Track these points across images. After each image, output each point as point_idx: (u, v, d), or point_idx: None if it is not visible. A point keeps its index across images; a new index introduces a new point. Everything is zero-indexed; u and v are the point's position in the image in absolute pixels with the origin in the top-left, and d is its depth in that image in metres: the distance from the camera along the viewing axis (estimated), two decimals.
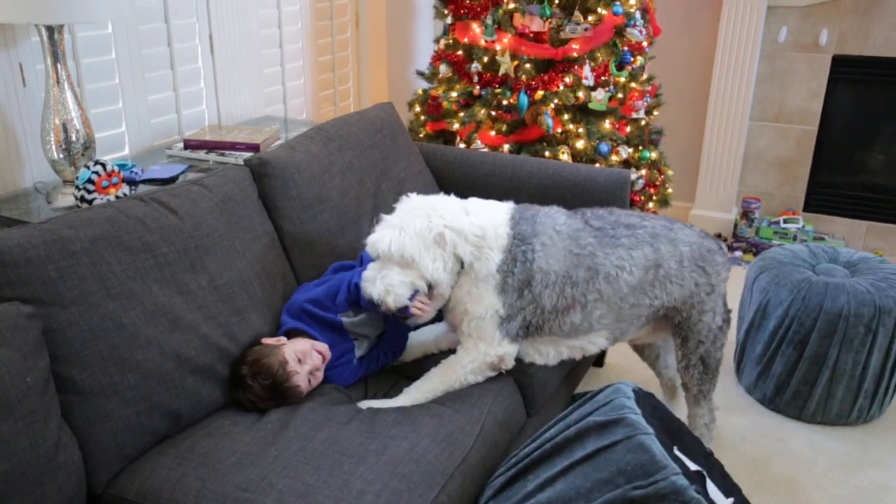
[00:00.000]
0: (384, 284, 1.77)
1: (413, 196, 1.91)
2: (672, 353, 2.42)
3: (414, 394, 1.84)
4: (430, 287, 1.82)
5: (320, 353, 1.84)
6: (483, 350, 1.86)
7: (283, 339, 1.86)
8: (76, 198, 1.99)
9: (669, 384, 2.48)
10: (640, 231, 1.96)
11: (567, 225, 1.93)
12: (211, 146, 2.55)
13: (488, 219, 1.88)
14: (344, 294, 1.91)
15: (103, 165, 2.00)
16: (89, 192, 1.97)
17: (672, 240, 1.98)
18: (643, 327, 2.08)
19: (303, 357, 1.79)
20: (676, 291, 1.99)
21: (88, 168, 1.99)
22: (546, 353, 1.99)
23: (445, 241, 1.80)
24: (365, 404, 1.82)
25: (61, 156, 2.07)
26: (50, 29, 1.96)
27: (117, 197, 2.03)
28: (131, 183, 2.19)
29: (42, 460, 1.38)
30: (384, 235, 1.79)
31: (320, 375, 1.83)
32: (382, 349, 1.97)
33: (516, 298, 1.86)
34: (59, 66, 2.00)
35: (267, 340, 1.85)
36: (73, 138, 2.06)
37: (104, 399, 1.54)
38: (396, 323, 1.92)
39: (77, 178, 2.00)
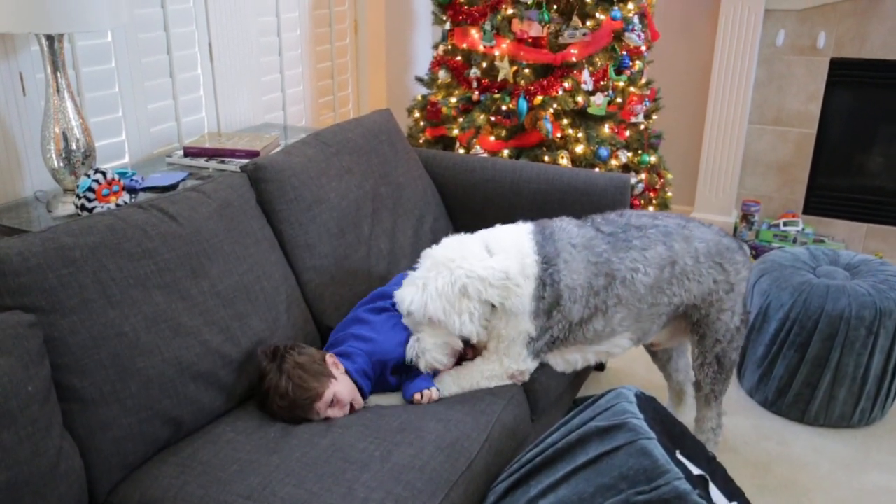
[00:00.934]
0: (417, 349, 1.81)
1: (434, 249, 1.89)
2: (684, 356, 2.42)
3: (449, 384, 1.86)
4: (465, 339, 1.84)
5: (353, 407, 1.80)
6: (506, 364, 1.88)
7: (341, 367, 1.82)
8: (76, 206, 1.99)
9: (678, 388, 2.47)
10: (651, 231, 1.97)
11: (581, 236, 1.93)
12: (211, 153, 2.55)
13: (514, 250, 1.86)
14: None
15: (103, 174, 2.00)
16: (90, 200, 1.98)
17: (686, 237, 1.99)
18: (665, 327, 2.09)
19: (336, 402, 1.75)
20: (695, 288, 2.00)
21: (89, 176, 1.99)
22: (574, 360, 2.01)
23: (469, 293, 1.79)
24: (373, 401, 1.82)
25: (61, 164, 2.07)
26: (50, 38, 1.96)
27: (118, 205, 2.03)
28: (132, 191, 2.19)
29: (44, 469, 1.38)
30: (407, 295, 1.80)
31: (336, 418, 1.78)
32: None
33: (546, 319, 1.87)
34: (59, 75, 2.01)
35: (329, 358, 1.82)
36: (74, 147, 2.06)
37: (105, 407, 1.53)
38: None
39: (77, 186, 2.00)
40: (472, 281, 1.78)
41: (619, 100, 3.18)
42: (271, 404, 1.74)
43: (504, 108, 3.09)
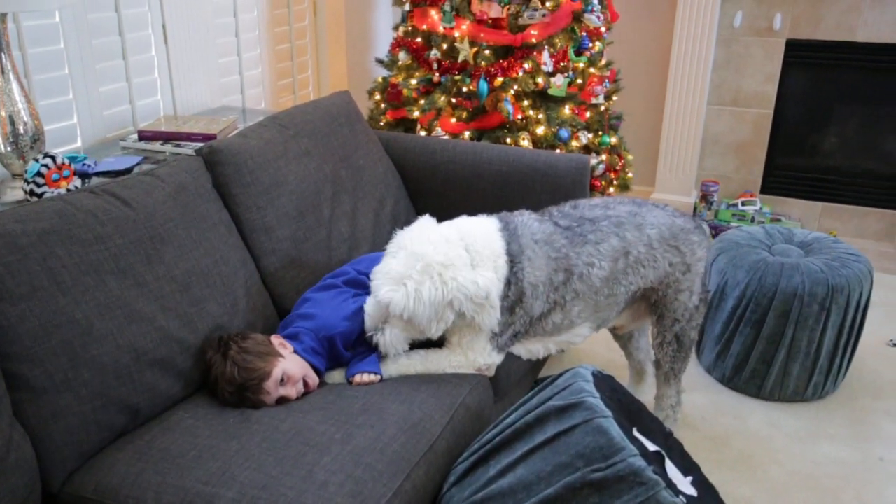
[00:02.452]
0: (387, 340, 1.81)
1: (413, 240, 1.84)
2: (645, 335, 2.45)
3: (391, 366, 1.85)
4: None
5: (308, 384, 1.78)
6: (471, 357, 1.89)
7: (289, 346, 1.81)
8: (25, 192, 1.94)
9: (638, 367, 2.51)
10: (603, 223, 1.97)
11: (541, 231, 1.92)
12: (166, 137, 2.50)
13: (489, 252, 1.84)
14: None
15: (53, 158, 1.96)
16: (39, 185, 1.93)
17: (638, 225, 2.00)
18: (623, 311, 2.11)
19: (287, 381, 1.74)
20: (651, 273, 2.02)
21: (37, 161, 1.94)
22: (535, 350, 2.02)
23: (454, 306, 1.78)
24: (335, 377, 1.83)
25: (9, 149, 2.01)
26: None
27: (69, 190, 1.99)
28: (84, 175, 2.14)
29: None
30: (397, 299, 1.75)
31: (292, 399, 1.76)
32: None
33: (509, 316, 1.88)
34: (3, 56, 1.94)
35: (275, 339, 1.82)
36: (21, 131, 2.00)
37: (58, 396, 1.51)
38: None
39: (26, 171, 1.95)
40: (460, 297, 1.77)
41: (579, 81, 3.19)
42: (222, 393, 1.72)
43: (465, 89, 3.08)
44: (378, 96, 3.40)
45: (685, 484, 1.53)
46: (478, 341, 1.88)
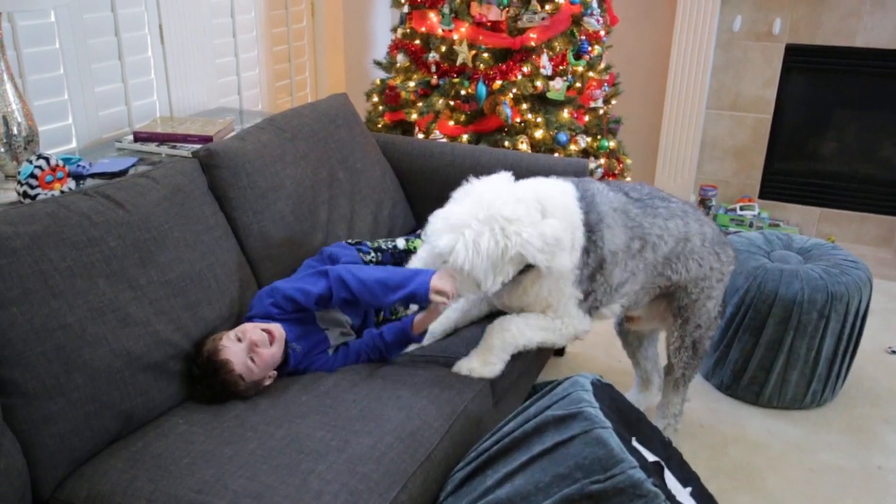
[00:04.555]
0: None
1: (484, 190, 1.74)
2: (653, 345, 2.45)
3: (495, 337, 1.84)
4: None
5: (266, 330, 1.77)
6: (568, 323, 1.87)
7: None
8: (18, 193, 1.92)
9: (645, 376, 2.49)
10: (672, 204, 2.02)
11: (617, 200, 1.94)
12: (162, 138, 2.48)
13: (565, 217, 1.79)
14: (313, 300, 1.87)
15: (47, 160, 1.93)
16: (32, 187, 1.90)
17: (699, 219, 2.05)
18: (650, 302, 2.12)
19: (242, 335, 1.74)
20: (694, 269, 2.03)
21: (31, 162, 1.91)
22: None
23: (515, 259, 1.71)
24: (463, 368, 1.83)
25: (2, 150, 1.99)
26: None
27: (62, 192, 1.96)
28: (78, 177, 2.12)
29: None
30: (457, 247, 1.66)
31: (265, 353, 1.73)
32: (376, 345, 1.92)
33: (590, 283, 1.87)
34: None
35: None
36: (15, 131, 1.98)
37: (49, 401, 1.48)
38: (402, 339, 1.91)
39: (19, 172, 1.93)
40: (531, 250, 1.68)
41: (578, 85, 3.17)
42: (202, 387, 1.72)
43: (463, 92, 3.06)
44: (376, 98, 3.39)
45: (684, 495, 1.52)
46: (569, 308, 1.86)
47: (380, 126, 3.36)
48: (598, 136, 3.25)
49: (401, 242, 2.24)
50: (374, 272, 1.82)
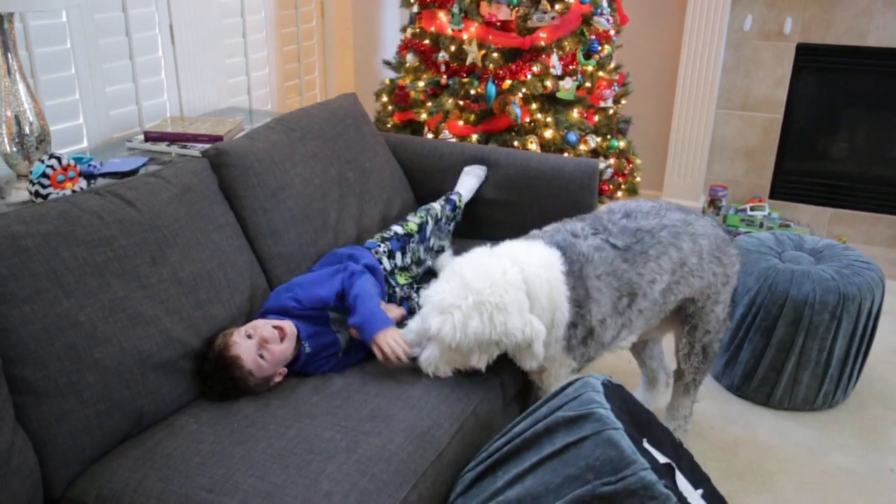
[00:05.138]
0: (430, 360, 1.77)
1: (469, 273, 1.75)
2: (658, 345, 2.43)
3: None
4: None
5: (277, 327, 1.77)
6: (563, 374, 1.92)
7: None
8: (31, 193, 1.93)
9: (651, 375, 2.48)
10: (663, 234, 1.94)
11: (603, 262, 1.86)
12: (172, 138, 2.49)
13: (548, 300, 1.78)
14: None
15: (58, 159, 1.94)
16: (44, 186, 1.91)
17: (692, 234, 1.99)
18: (662, 320, 2.10)
19: (253, 332, 1.75)
20: (697, 283, 2.01)
21: (43, 162, 1.92)
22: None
23: (499, 346, 1.76)
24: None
25: (14, 149, 2.00)
26: None
27: (74, 191, 1.97)
28: (89, 177, 2.13)
29: None
30: (441, 325, 1.71)
31: (275, 350, 1.74)
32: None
33: (582, 348, 1.87)
34: (9, 55, 1.93)
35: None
36: (27, 131, 1.99)
37: (61, 399, 1.49)
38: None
39: (31, 172, 1.93)
40: (506, 341, 1.74)
41: (587, 84, 3.16)
42: (212, 383, 1.73)
43: (472, 92, 3.06)
44: (385, 98, 3.39)
45: (696, 497, 1.51)
46: (564, 372, 1.91)
47: (389, 126, 3.36)
48: (608, 136, 3.25)
49: (398, 229, 2.25)
50: (366, 287, 1.88)
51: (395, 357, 1.76)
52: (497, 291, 1.71)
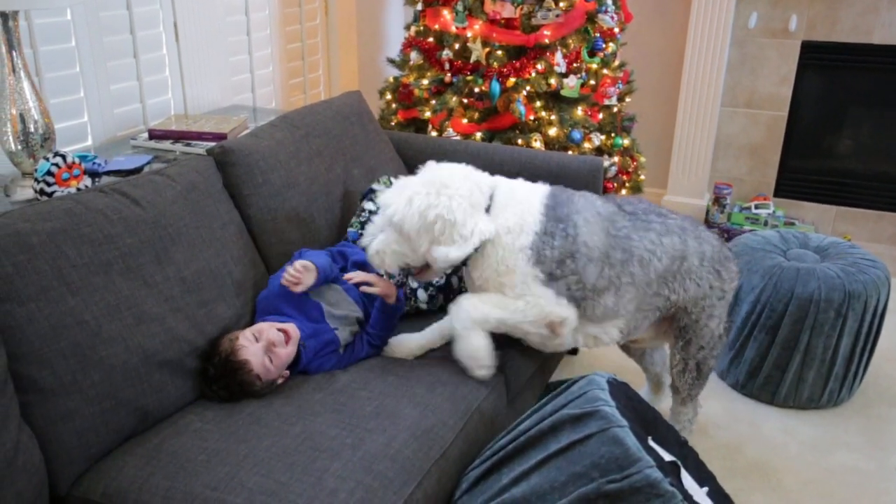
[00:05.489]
0: (378, 245, 1.82)
1: (443, 164, 1.87)
2: (659, 350, 2.41)
3: (471, 310, 1.81)
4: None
5: (283, 330, 1.78)
6: (542, 304, 1.82)
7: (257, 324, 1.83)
8: (35, 191, 1.93)
9: (655, 379, 2.46)
10: (670, 221, 1.96)
11: (604, 208, 1.92)
12: (177, 136, 2.49)
13: (514, 204, 1.84)
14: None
15: (63, 157, 1.94)
16: (49, 184, 1.91)
17: (698, 237, 1.98)
18: (651, 325, 2.06)
19: (258, 335, 1.75)
20: (692, 289, 1.97)
21: (48, 160, 1.93)
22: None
23: (435, 230, 1.77)
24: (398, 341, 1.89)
25: (19, 147, 2.00)
26: (4, 15, 1.89)
27: (78, 189, 1.97)
28: (94, 175, 2.13)
29: (0, 464, 1.34)
30: (392, 203, 1.79)
31: (281, 353, 1.75)
32: (368, 336, 1.94)
33: (556, 266, 1.82)
34: (14, 54, 1.93)
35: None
36: (32, 129, 1.99)
37: (66, 397, 1.49)
38: (384, 308, 1.92)
39: (36, 170, 1.94)
40: (444, 216, 1.76)
41: (592, 82, 3.16)
42: (217, 387, 1.72)
43: (477, 90, 3.06)
44: (389, 96, 3.38)
45: (701, 495, 1.51)
46: (532, 289, 1.82)
47: (393, 124, 3.36)
48: (612, 134, 3.24)
49: (368, 205, 2.24)
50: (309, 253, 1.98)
51: (370, 278, 1.88)
52: (455, 177, 1.81)
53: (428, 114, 3.16)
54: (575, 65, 3.07)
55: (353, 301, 1.98)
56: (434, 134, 3.18)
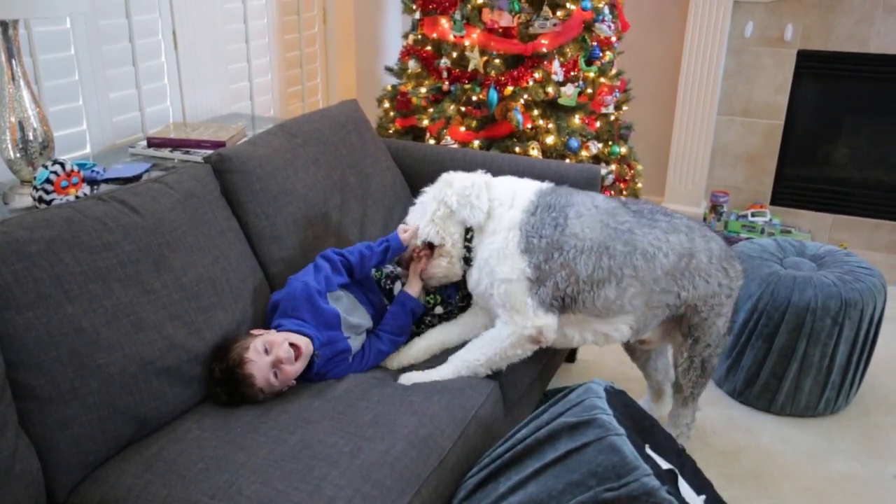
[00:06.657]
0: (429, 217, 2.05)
1: (456, 177, 2.08)
2: (663, 356, 2.42)
3: (457, 363, 1.88)
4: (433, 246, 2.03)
5: (294, 345, 1.76)
6: (520, 323, 1.86)
7: (270, 331, 1.82)
8: (34, 198, 1.93)
9: (657, 387, 2.47)
10: (676, 220, 1.99)
11: (605, 202, 1.97)
12: (175, 144, 2.49)
13: (504, 191, 2.01)
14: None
15: (62, 165, 1.95)
16: (48, 192, 1.92)
17: (705, 236, 2.01)
18: (661, 323, 2.08)
19: (269, 347, 1.73)
20: (702, 287, 1.99)
21: (46, 168, 1.93)
22: (571, 336, 1.99)
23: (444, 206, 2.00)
24: (407, 378, 1.85)
25: (18, 155, 2.01)
26: (4, 24, 1.89)
27: (77, 197, 1.98)
28: (92, 183, 2.13)
29: None
30: (414, 207, 2.15)
31: (289, 370, 1.74)
32: (380, 339, 1.96)
33: (544, 260, 1.85)
34: (13, 62, 1.94)
35: (254, 331, 1.83)
36: (31, 137, 2.00)
37: (64, 405, 1.49)
38: (401, 308, 1.97)
39: (35, 178, 1.94)
40: (447, 200, 2.00)
41: (589, 91, 3.17)
42: (220, 390, 1.73)
43: (474, 98, 3.07)
44: (387, 104, 3.39)
45: (698, 503, 1.51)
46: (516, 293, 1.86)
47: (391, 132, 3.36)
48: (610, 142, 3.25)
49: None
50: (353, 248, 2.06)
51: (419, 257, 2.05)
52: (457, 180, 2.06)
53: (426, 122, 3.17)
54: (572, 73, 3.08)
55: (365, 311, 2.00)
56: (432, 142, 3.18)
